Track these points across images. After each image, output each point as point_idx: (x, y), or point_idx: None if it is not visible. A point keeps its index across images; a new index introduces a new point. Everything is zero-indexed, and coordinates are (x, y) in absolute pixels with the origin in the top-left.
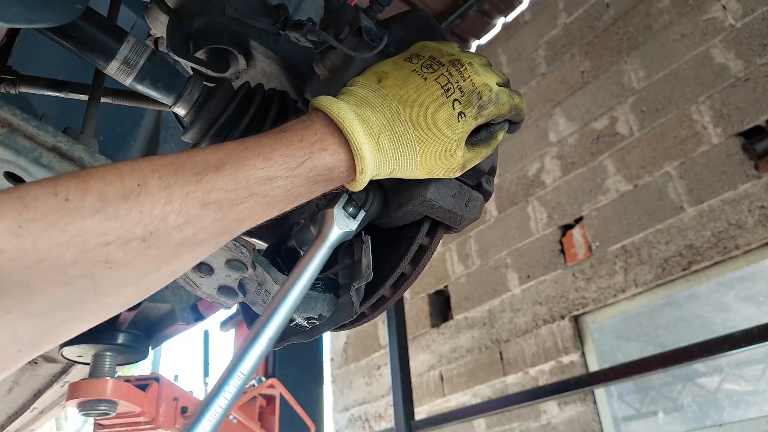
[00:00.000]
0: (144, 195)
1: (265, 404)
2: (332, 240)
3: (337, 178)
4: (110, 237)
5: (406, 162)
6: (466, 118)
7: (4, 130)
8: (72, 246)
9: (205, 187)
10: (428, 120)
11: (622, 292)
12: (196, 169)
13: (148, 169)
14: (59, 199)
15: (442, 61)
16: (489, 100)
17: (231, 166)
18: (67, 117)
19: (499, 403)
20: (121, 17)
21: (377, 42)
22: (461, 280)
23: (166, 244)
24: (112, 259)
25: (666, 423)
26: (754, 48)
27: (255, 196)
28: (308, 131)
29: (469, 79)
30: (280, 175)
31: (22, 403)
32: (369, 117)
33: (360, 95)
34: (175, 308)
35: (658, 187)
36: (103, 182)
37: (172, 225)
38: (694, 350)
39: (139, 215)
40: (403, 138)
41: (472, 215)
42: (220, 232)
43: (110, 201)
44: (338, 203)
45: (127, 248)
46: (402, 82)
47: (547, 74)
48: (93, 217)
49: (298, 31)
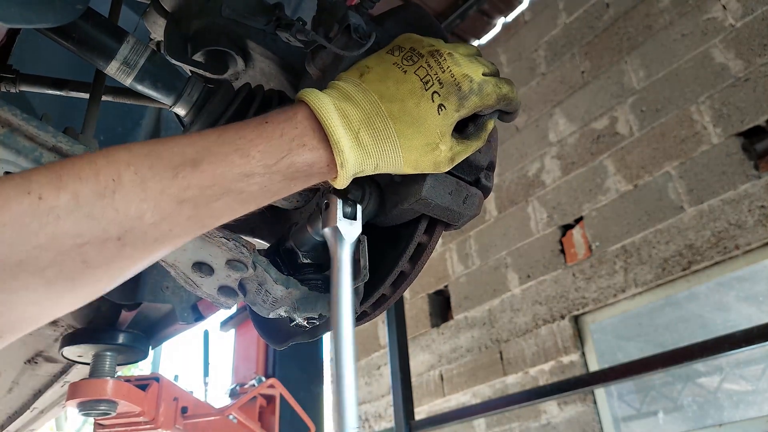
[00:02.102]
0: (119, 192)
1: (265, 404)
2: (349, 254)
3: (317, 173)
4: (86, 238)
5: (389, 157)
6: (447, 111)
7: (4, 130)
8: (48, 249)
9: (180, 184)
10: (408, 114)
11: (622, 292)
12: (172, 162)
13: (124, 162)
14: (32, 198)
15: (421, 52)
16: (470, 90)
17: (208, 161)
18: (67, 117)
19: (499, 403)
20: (124, 18)
21: (366, 39)
22: (461, 279)
23: (141, 242)
24: (88, 259)
25: (666, 423)
26: (754, 48)
27: (231, 193)
28: (289, 124)
29: (448, 69)
30: (258, 172)
31: (22, 403)
32: (349, 111)
33: (343, 89)
34: (175, 308)
35: (658, 187)
36: (77, 179)
37: (148, 222)
38: (694, 350)
39: (114, 214)
40: (382, 133)
41: (470, 212)
42: (196, 228)
43: (85, 200)
44: (337, 216)
45: (104, 248)
46: (383, 76)
47: (547, 74)
48: (68, 218)
49: (288, 31)
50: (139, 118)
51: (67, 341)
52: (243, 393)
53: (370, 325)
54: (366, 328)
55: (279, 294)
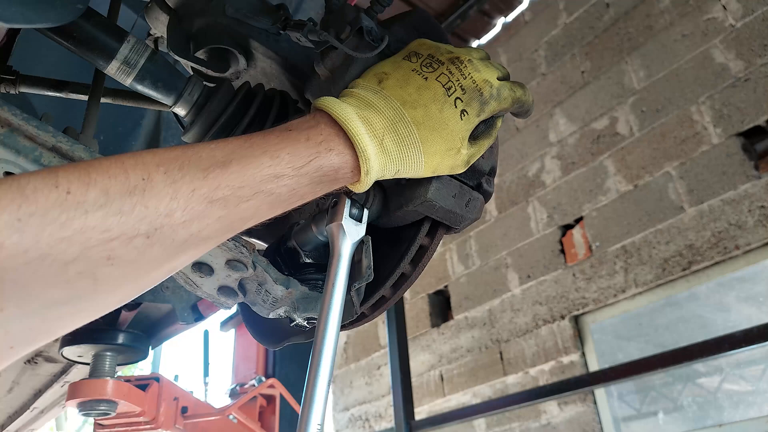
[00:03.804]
0: (149, 190)
1: (265, 404)
2: (348, 254)
3: (342, 178)
4: (114, 233)
5: (411, 162)
6: (469, 116)
7: (4, 130)
8: (74, 242)
9: (211, 184)
10: (431, 120)
11: (622, 292)
12: (202, 164)
13: (153, 163)
14: (60, 192)
15: (441, 59)
16: (490, 96)
17: (238, 162)
18: (67, 117)
19: (499, 403)
20: (121, 17)
21: (378, 42)
22: (461, 280)
23: (170, 241)
24: (114, 255)
25: (666, 423)
26: (754, 48)
27: (261, 194)
28: (314, 131)
29: (469, 76)
30: (287, 174)
31: (22, 403)
32: (372, 119)
33: (362, 97)
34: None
35: (658, 187)
36: (106, 175)
37: (178, 222)
38: (694, 350)
39: (144, 211)
40: (407, 139)
41: (472, 215)
42: (225, 230)
43: (114, 195)
44: (344, 214)
45: (131, 245)
46: (403, 82)
47: (548, 74)
48: (96, 212)
49: (299, 31)
50: (139, 118)
51: (67, 341)
52: (243, 393)
53: (370, 325)
54: (366, 328)
55: (279, 294)
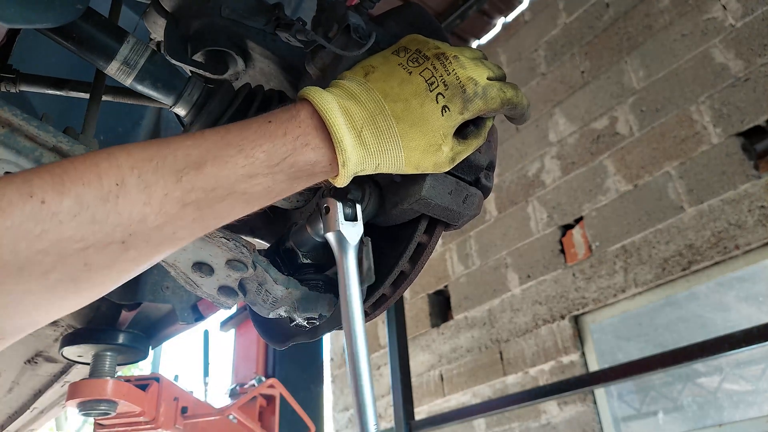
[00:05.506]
0: (123, 196)
1: (265, 404)
2: (354, 258)
3: (319, 173)
4: (89, 242)
5: (391, 156)
6: (451, 113)
7: (4, 130)
8: (50, 253)
9: (185, 187)
10: (412, 114)
11: (622, 292)
12: (177, 165)
13: (127, 166)
14: (35, 202)
15: (427, 54)
16: (474, 94)
17: (212, 164)
18: (67, 117)
19: (499, 403)
20: (123, 18)
21: (366, 39)
22: (461, 280)
23: (144, 245)
24: (91, 262)
25: (666, 423)
26: (754, 48)
27: (235, 194)
28: (292, 123)
29: (453, 72)
30: (261, 173)
31: (22, 403)
32: (352, 110)
33: (346, 88)
34: (176, 308)
35: (658, 187)
36: (80, 182)
37: (151, 226)
38: (694, 350)
39: (118, 218)
40: (386, 132)
41: (470, 212)
42: (200, 229)
43: (88, 203)
44: (338, 220)
45: (106, 251)
46: (387, 76)
47: (547, 74)
48: (70, 222)
49: (287, 31)
50: (139, 118)
51: (67, 341)
52: (243, 393)
53: (370, 325)
54: (366, 327)
55: (279, 294)
